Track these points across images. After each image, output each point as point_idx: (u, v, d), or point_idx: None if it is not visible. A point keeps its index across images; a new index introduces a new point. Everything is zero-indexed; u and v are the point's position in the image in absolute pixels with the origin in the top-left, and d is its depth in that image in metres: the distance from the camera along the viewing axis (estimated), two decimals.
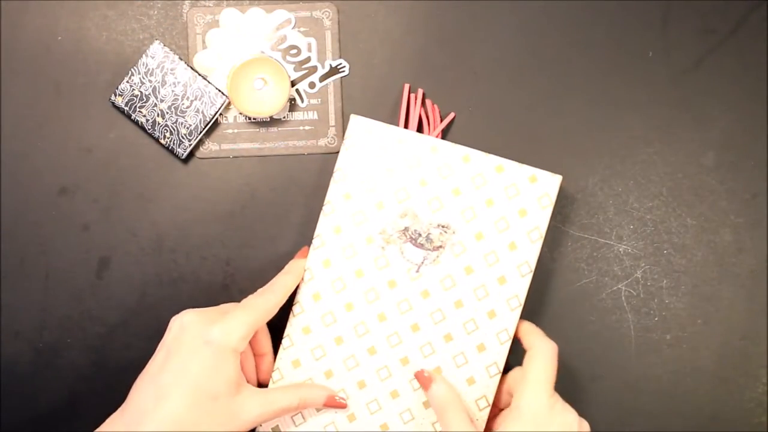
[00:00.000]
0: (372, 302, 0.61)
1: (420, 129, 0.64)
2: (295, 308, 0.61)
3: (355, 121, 0.61)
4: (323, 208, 0.61)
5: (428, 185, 0.60)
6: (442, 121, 0.64)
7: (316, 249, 0.61)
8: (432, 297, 0.60)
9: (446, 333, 0.60)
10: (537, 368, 0.56)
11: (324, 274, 0.61)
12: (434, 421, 0.60)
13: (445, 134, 0.65)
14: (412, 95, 0.64)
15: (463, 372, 0.60)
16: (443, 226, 0.60)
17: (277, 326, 0.62)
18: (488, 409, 0.60)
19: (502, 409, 0.60)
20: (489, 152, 0.61)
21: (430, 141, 0.61)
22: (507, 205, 0.60)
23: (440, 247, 0.60)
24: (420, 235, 0.60)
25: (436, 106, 0.64)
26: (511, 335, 0.60)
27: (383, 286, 0.60)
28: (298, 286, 0.61)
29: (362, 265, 0.60)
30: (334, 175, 0.61)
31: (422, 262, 0.60)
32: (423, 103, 0.64)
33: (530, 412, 0.54)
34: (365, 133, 0.61)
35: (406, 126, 0.64)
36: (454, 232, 0.60)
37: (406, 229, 0.60)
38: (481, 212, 0.60)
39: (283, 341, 0.61)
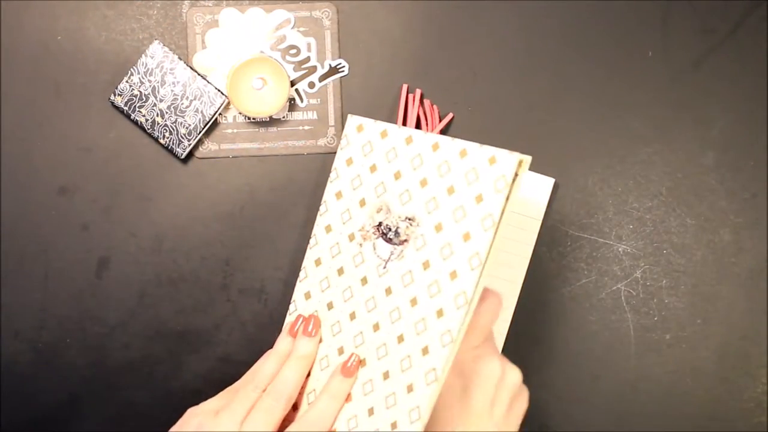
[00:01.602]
0: (347, 300, 0.58)
1: (418, 129, 0.64)
2: (291, 307, 0.61)
3: (352, 121, 0.61)
4: (320, 207, 0.61)
5: (401, 178, 0.57)
6: (440, 121, 0.64)
7: (311, 248, 0.60)
8: (393, 294, 0.55)
9: (400, 333, 0.54)
10: (468, 320, 0.51)
11: (315, 273, 0.60)
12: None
13: (444, 134, 0.65)
14: (410, 95, 0.64)
15: (405, 378, 0.53)
16: (410, 219, 0.56)
17: (280, 321, 0.62)
18: (420, 422, 0.51)
19: None
20: None
21: (407, 132, 0.57)
22: (466, 191, 0.53)
23: (405, 241, 0.56)
24: (390, 229, 0.57)
25: (435, 106, 0.64)
26: (455, 337, 0.51)
27: (357, 284, 0.58)
28: (295, 285, 0.61)
29: (344, 263, 0.59)
30: (330, 174, 0.61)
31: (389, 258, 0.57)
32: (421, 103, 0.64)
33: (456, 365, 0.53)
34: (358, 132, 0.60)
35: (404, 126, 0.63)
36: (418, 225, 0.55)
37: (380, 224, 0.57)
38: (442, 202, 0.54)
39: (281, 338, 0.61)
